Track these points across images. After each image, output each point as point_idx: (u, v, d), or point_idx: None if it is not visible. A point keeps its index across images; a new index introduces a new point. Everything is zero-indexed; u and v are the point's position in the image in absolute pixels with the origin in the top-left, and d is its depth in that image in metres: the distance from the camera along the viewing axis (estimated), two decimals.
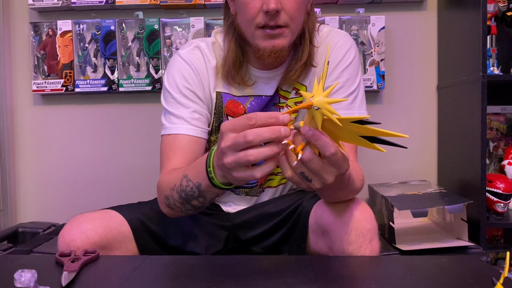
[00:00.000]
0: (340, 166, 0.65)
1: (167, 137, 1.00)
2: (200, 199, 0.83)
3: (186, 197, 0.84)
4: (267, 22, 0.90)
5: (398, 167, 1.69)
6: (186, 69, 1.03)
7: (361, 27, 1.63)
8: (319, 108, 0.60)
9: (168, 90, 1.02)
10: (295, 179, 0.67)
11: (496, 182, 1.40)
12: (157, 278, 0.71)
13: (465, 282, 0.68)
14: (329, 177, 0.66)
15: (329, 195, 0.88)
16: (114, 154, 1.72)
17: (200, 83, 1.03)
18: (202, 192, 0.81)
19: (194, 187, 0.81)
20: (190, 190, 0.82)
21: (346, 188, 0.83)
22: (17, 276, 0.53)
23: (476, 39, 1.35)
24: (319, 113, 0.60)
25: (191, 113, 1.00)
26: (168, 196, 0.88)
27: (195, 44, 1.06)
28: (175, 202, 0.87)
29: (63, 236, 0.87)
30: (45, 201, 1.74)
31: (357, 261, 0.81)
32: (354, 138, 0.63)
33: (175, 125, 1.00)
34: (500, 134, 1.64)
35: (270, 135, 0.62)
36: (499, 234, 1.63)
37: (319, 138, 0.62)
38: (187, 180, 0.82)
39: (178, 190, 0.84)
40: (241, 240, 1.07)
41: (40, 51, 1.66)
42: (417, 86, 1.69)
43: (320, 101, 0.59)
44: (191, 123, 1.00)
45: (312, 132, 0.62)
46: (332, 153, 0.63)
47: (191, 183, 0.81)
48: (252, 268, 0.75)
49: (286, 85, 1.04)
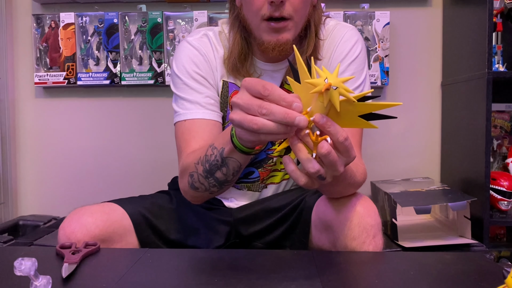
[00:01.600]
0: (350, 153, 0.64)
1: (183, 123, 0.98)
2: (223, 169, 0.82)
3: (210, 168, 0.83)
4: (272, 13, 0.89)
5: (401, 164, 1.68)
6: (196, 54, 1.02)
7: (365, 22, 1.62)
8: (337, 87, 0.58)
9: (178, 75, 1.01)
10: (309, 184, 0.66)
11: (500, 180, 1.39)
12: (158, 271, 0.71)
13: (469, 279, 0.67)
14: (341, 167, 0.65)
15: (327, 190, 0.87)
16: (115, 148, 1.71)
17: (210, 69, 1.02)
18: (224, 160, 0.80)
19: (218, 154, 0.80)
20: (214, 159, 0.82)
21: (345, 180, 0.82)
22: (17, 264, 0.52)
23: (482, 35, 1.33)
24: (336, 93, 0.58)
25: (204, 98, 0.99)
26: (193, 172, 0.87)
27: (203, 32, 1.06)
28: (199, 178, 0.86)
29: (64, 229, 0.86)
30: (46, 194, 1.73)
31: (359, 257, 0.80)
32: (354, 120, 0.62)
33: (190, 110, 0.98)
34: (504, 132, 1.63)
35: (282, 118, 0.60)
36: (502, 233, 1.62)
37: (332, 124, 0.61)
38: (212, 148, 0.82)
39: (203, 161, 0.84)
40: (243, 235, 1.07)
41: (42, 44, 1.65)
42: (421, 82, 1.68)
43: (336, 80, 0.58)
44: (207, 107, 0.98)
45: (326, 118, 0.60)
46: (345, 138, 0.62)
47: (215, 151, 0.81)
48: (254, 262, 0.74)
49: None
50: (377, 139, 1.68)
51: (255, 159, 1.07)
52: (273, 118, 0.61)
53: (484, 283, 0.64)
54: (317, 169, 0.63)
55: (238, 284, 0.64)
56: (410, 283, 0.66)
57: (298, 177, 0.65)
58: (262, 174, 1.08)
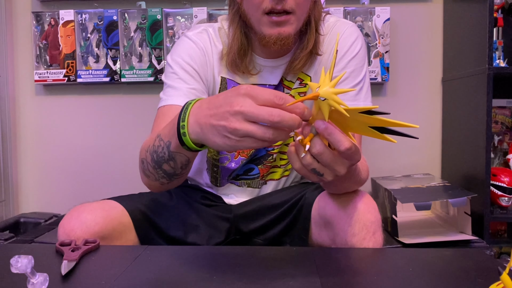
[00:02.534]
0: (353, 158, 0.64)
1: (162, 109, 0.98)
2: (171, 163, 0.78)
3: (158, 160, 0.79)
4: (273, 6, 0.88)
5: (402, 161, 1.68)
6: (193, 48, 1.02)
7: (366, 18, 1.61)
8: (326, 99, 0.58)
9: (171, 65, 1.01)
10: (303, 171, 0.65)
11: (501, 175, 1.39)
12: (158, 269, 0.71)
13: (469, 275, 0.67)
14: (341, 168, 0.64)
15: (334, 186, 0.87)
16: (116, 145, 1.72)
17: (205, 65, 1.02)
18: (171, 154, 0.76)
19: (165, 147, 0.77)
20: (161, 151, 0.78)
21: (352, 178, 0.82)
22: (13, 262, 0.52)
23: (482, 31, 1.33)
24: (326, 104, 0.58)
25: (190, 88, 0.98)
26: (143, 159, 0.84)
27: (203, 27, 1.06)
28: (148, 166, 0.83)
29: (63, 226, 0.86)
30: (46, 191, 1.74)
31: (358, 253, 0.80)
32: (364, 128, 0.60)
33: (171, 97, 0.97)
34: (505, 128, 1.62)
35: (291, 124, 0.59)
36: (503, 229, 1.62)
37: (333, 132, 0.60)
38: (159, 140, 0.78)
39: (151, 151, 0.80)
40: (243, 232, 1.07)
41: (42, 41, 1.65)
42: (422, 78, 1.68)
43: (326, 91, 0.58)
44: (188, 96, 0.96)
45: (325, 126, 0.60)
46: (346, 148, 0.60)
47: (162, 143, 0.77)
48: (253, 259, 0.74)
49: (291, 74, 1.03)
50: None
51: (255, 156, 1.07)
52: (284, 124, 0.59)
53: (482, 279, 0.64)
54: (308, 161, 0.63)
55: (237, 280, 0.64)
56: (409, 279, 0.66)
57: (293, 161, 0.65)
58: (261, 170, 1.08)
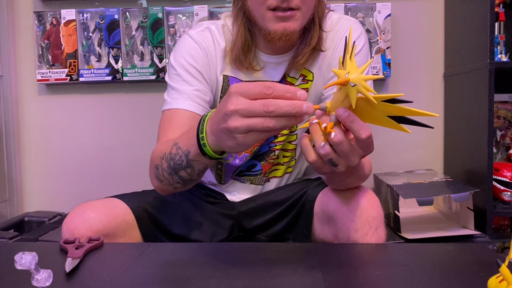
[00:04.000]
0: (368, 148, 0.64)
1: (167, 112, 0.99)
2: (188, 170, 0.80)
3: (174, 167, 0.81)
4: (279, 4, 0.88)
5: (404, 156, 1.68)
6: (195, 48, 1.02)
7: (367, 14, 1.61)
8: (355, 84, 0.57)
9: (174, 66, 1.01)
10: (318, 163, 0.65)
11: (503, 170, 1.38)
12: (161, 265, 0.71)
13: (471, 269, 0.67)
14: (356, 159, 0.65)
15: (338, 181, 0.87)
16: (118, 143, 1.72)
17: (207, 64, 1.02)
18: (190, 162, 0.78)
19: (183, 155, 0.78)
20: (178, 158, 0.79)
21: (356, 173, 0.82)
22: (18, 258, 0.53)
23: (484, 26, 1.32)
24: (354, 90, 0.58)
25: (194, 90, 0.99)
26: (158, 165, 0.85)
27: (205, 25, 1.05)
28: (164, 173, 0.85)
29: (67, 224, 0.87)
30: (50, 190, 1.75)
31: (360, 249, 0.81)
32: (382, 119, 0.60)
33: (176, 100, 0.98)
34: (507, 122, 1.62)
35: (290, 109, 0.59)
36: (506, 224, 1.62)
37: (355, 120, 0.60)
38: (177, 148, 0.80)
39: (168, 159, 0.82)
40: (246, 229, 1.07)
41: (44, 41, 1.66)
42: (423, 74, 1.68)
43: (357, 77, 0.57)
44: (193, 99, 0.98)
45: (348, 113, 0.60)
46: (367, 135, 0.61)
47: (180, 151, 0.79)
48: (256, 255, 0.75)
49: (294, 70, 1.03)
50: (379, 132, 1.66)
51: (258, 152, 1.08)
52: (281, 111, 0.60)
53: (485, 274, 0.64)
54: (327, 151, 0.62)
55: (239, 277, 0.64)
56: (411, 273, 0.66)
57: (308, 152, 0.65)
58: (264, 167, 1.09)
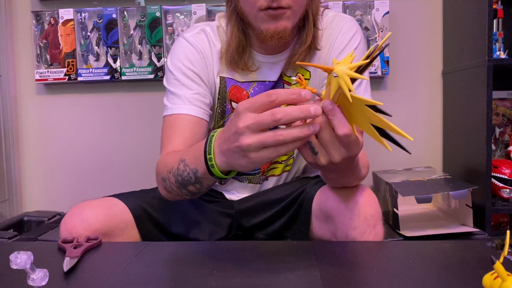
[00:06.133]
0: (350, 148, 0.64)
1: (169, 118, 0.99)
2: (197, 185, 0.81)
3: (183, 182, 0.82)
4: (269, 4, 0.88)
5: (403, 154, 1.65)
6: (191, 51, 1.02)
7: (365, 12, 1.61)
8: (337, 76, 0.57)
9: (172, 71, 1.01)
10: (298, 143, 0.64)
11: (502, 167, 1.38)
12: (159, 264, 0.71)
13: (468, 266, 0.67)
14: (336, 155, 0.65)
15: (334, 179, 0.87)
16: (117, 143, 1.72)
17: (205, 66, 1.02)
18: (198, 179, 0.78)
19: (191, 172, 0.79)
20: (187, 175, 0.80)
21: (353, 174, 0.82)
22: (13, 258, 0.53)
23: (482, 23, 1.32)
24: (336, 82, 0.58)
25: (194, 94, 0.99)
26: (165, 178, 0.86)
27: (200, 27, 1.05)
28: (172, 186, 0.85)
29: (65, 224, 0.87)
30: (49, 190, 1.75)
31: (358, 246, 0.81)
32: (366, 125, 0.61)
33: (177, 105, 0.98)
34: (506, 119, 1.62)
35: (298, 114, 0.59)
36: (505, 221, 1.62)
37: (336, 114, 0.60)
38: (184, 165, 0.80)
39: (175, 174, 0.83)
40: (245, 227, 1.07)
41: (42, 40, 1.66)
42: (422, 71, 1.68)
43: (341, 70, 0.57)
44: (194, 103, 0.98)
45: (332, 107, 0.60)
46: (344, 133, 0.61)
47: (188, 168, 0.79)
48: (254, 254, 0.75)
49: (290, 70, 1.03)
50: None
51: None
52: (289, 117, 0.59)
53: (482, 270, 0.64)
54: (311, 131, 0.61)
55: (237, 275, 0.64)
56: (409, 271, 0.66)
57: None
58: (262, 166, 1.09)
